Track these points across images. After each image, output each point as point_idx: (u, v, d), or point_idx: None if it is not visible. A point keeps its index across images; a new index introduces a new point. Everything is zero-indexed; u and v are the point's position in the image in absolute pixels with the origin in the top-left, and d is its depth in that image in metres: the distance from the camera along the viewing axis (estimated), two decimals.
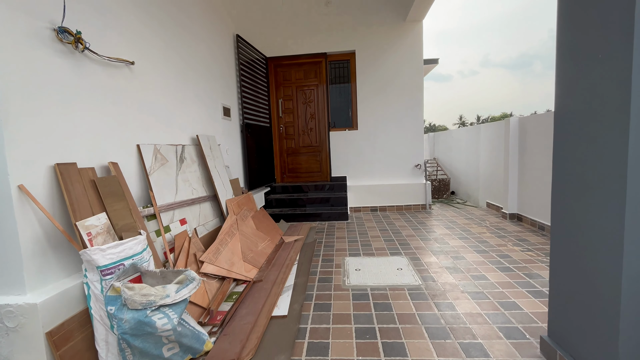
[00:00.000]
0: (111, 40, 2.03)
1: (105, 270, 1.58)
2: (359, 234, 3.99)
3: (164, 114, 2.60)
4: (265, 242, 3.34)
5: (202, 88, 3.30)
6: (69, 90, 1.71)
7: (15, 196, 1.43)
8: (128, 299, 1.48)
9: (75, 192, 1.66)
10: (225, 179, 3.37)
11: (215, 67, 3.63)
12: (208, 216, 3.03)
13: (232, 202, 3.28)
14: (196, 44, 3.20)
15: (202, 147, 3.05)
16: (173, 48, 2.77)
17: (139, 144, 2.27)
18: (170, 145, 2.63)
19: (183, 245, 2.33)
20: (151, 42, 2.46)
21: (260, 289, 2.47)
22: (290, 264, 2.98)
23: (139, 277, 1.74)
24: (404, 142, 5.25)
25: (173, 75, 2.75)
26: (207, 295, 2.18)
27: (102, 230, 1.67)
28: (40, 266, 1.54)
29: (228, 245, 2.73)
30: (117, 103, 2.06)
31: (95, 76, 1.89)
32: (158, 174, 2.40)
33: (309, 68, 5.47)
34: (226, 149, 3.87)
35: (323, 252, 3.37)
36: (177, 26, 2.87)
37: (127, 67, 2.16)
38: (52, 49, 1.63)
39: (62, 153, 1.66)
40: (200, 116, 3.24)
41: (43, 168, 1.56)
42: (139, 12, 2.33)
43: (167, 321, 1.55)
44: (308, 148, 5.62)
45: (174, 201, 2.52)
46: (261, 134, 5.00)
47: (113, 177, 1.90)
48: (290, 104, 5.60)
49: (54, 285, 1.58)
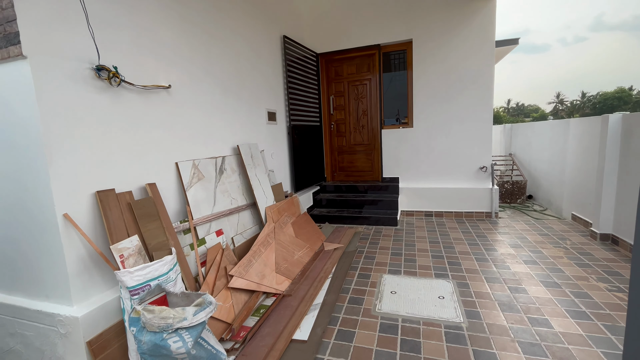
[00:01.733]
0: (147, 66, 2.15)
1: (133, 290, 1.73)
2: (405, 245, 3.71)
3: (203, 129, 2.71)
4: (303, 250, 3.33)
5: (245, 97, 3.36)
6: (108, 121, 1.88)
7: (60, 223, 1.64)
8: (147, 322, 1.60)
9: (112, 216, 1.84)
10: (267, 186, 3.43)
11: (259, 74, 3.65)
12: (247, 224, 3.14)
13: (271, 210, 3.34)
14: (238, 54, 3.24)
15: (242, 156, 3.14)
16: (213, 63, 2.85)
17: (177, 161, 2.42)
18: (209, 159, 2.75)
19: (215, 259, 2.45)
20: (189, 61, 2.55)
21: (287, 306, 2.47)
22: (324, 277, 2.92)
23: (164, 295, 1.88)
24: (468, 141, 4.63)
25: (212, 89, 2.84)
26: (234, 310, 2.27)
27: (134, 252, 1.83)
28: (85, 282, 1.76)
29: (261, 257, 2.79)
30: (154, 126, 2.21)
31: (132, 104, 2.04)
32: (195, 188, 2.54)
33: (361, 62, 5.16)
34: (271, 153, 3.93)
35: (361, 265, 3.23)
36: (217, 40, 2.93)
37: (164, 90, 2.29)
38: (92, 86, 1.79)
39: (102, 180, 1.85)
40: (243, 125, 3.31)
41: (85, 196, 1.76)
42: (174, 34, 2.42)
43: (181, 345, 1.64)
44: (359, 146, 5.40)
45: (211, 213, 2.65)
46: (310, 133, 4.95)
47: (148, 199, 2.06)
48: (341, 101, 5.40)
49: (96, 297, 1.81)
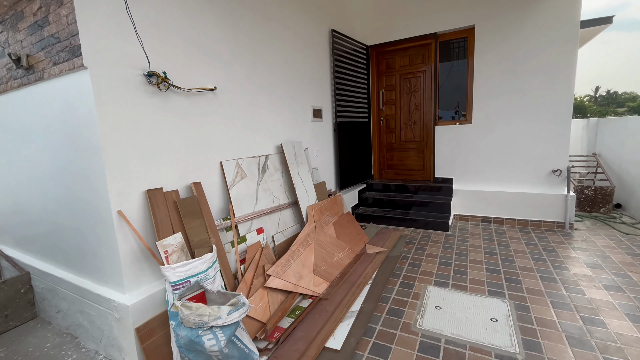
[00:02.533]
0: (195, 70, 2.24)
1: (175, 285, 1.84)
2: (456, 254, 3.40)
3: (248, 129, 2.77)
4: (343, 251, 3.26)
5: (290, 95, 3.35)
6: (157, 124, 2.00)
7: (115, 219, 1.80)
8: (184, 318, 1.68)
9: (160, 213, 1.97)
10: (309, 185, 3.41)
11: (305, 70, 3.61)
12: (288, 223, 3.16)
13: (313, 209, 3.31)
14: (284, 52, 3.23)
15: (285, 155, 3.14)
16: (258, 62, 2.87)
17: (222, 160, 2.50)
18: (252, 158, 2.80)
19: (254, 257, 2.50)
20: (234, 62, 2.60)
21: (323, 310, 2.43)
22: (363, 282, 2.81)
23: (203, 292, 1.96)
24: (539, 139, 4.04)
25: (257, 89, 2.87)
26: (269, 310, 2.30)
27: (177, 249, 1.94)
28: (135, 273, 1.92)
29: (300, 257, 2.78)
30: (200, 127, 2.30)
31: (180, 107, 2.14)
32: (238, 187, 2.61)
33: (415, 52, 4.81)
34: (316, 151, 3.89)
35: (405, 273, 3.04)
36: (263, 40, 2.94)
37: (210, 92, 2.36)
38: (143, 91, 1.91)
39: (151, 179, 1.98)
40: (287, 123, 3.32)
41: (136, 194, 1.90)
42: (220, 36, 2.48)
43: (214, 342, 1.69)
44: (410, 143, 5.08)
45: (252, 212, 2.71)
46: (357, 130, 4.80)
47: (192, 198, 2.16)
48: (392, 95, 5.12)
49: (145, 287, 1.96)
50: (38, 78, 1.94)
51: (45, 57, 1.84)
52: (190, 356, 1.72)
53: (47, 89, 1.92)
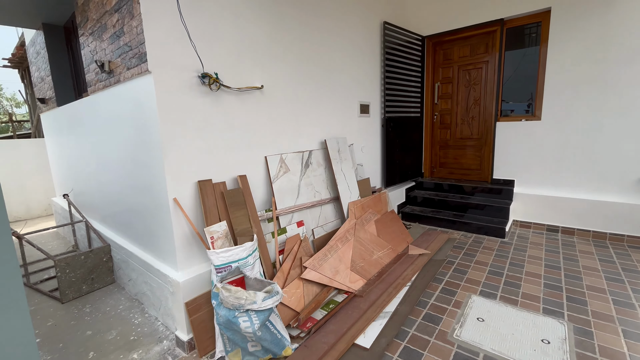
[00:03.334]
0: (244, 70, 2.38)
1: (218, 269, 2.02)
2: (510, 264, 3.11)
3: (293, 125, 2.86)
4: (383, 250, 3.21)
5: (336, 91, 3.36)
6: (209, 121, 2.19)
7: (171, 206, 2.04)
8: (223, 299, 1.85)
9: (208, 203, 2.17)
10: (352, 181, 3.40)
11: (353, 65, 3.57)
12: (329, 217, 3.21)
13: (354, 205, 3.31)
14: (332, 47, 3.24)
15: (328, 150, 3.18)
16: (305, 59, 2.93)
17: (267, 155, 2.64)
18: (296, 153, 2.90)
19: (292, 249, 2.61)
20: (281, 60, 2.70)
21: (356, 307, 2.44)
22: (401, 284, 2.75)
23: (243, 277, 2.12)
24: (629, 141, 3.44)
25: (303, 85, 2.93)
26: (304, 300, 2.39)
27: (222, 236, 2.12)
28: (187, 254, 2.16)
29: (337, 252, 2.82)
30: (248, 123, 2.46)
31: (229, 105, 2.31)
32: (281, 181, 2.73)
33: (477, 42, 4.41)
34: (361, 147, 3.85)
35: (448, 278, 2.89)
36: (310, 36, 2.99)
37: (257, 91, 2.50)
38: (197, 91, 2.10)
39: (202, 171, 2.18)
40: (332, 119, 3.34)
41: (189, 184, 2.12)
42: (268, 35, 2.58)
43: (249, 325, 1.84)
44: (466, 140, 4.73)
45: (294, 205, 2.82)
46: (408, 125, 4.61)
47: (238, 190, 2.33)
48: (448, 88, 4.80)
49: (195, 268, 2.19)
50: (116, 81, 2.26)
51: (121, 63, 2.14)
52: (228, 334, 1.89)
53: (122, 90, 2.23)
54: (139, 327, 2.35)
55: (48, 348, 2.16)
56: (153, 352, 2.09)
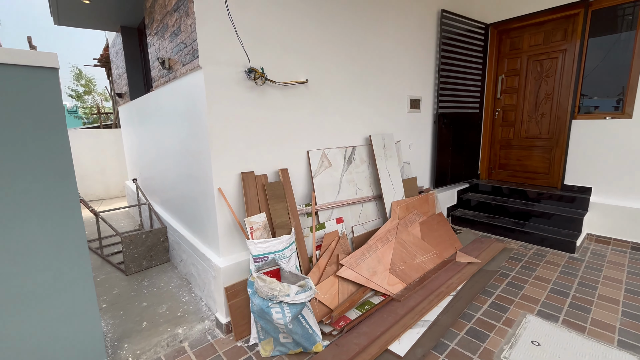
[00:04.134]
0: (289, 64, 2.39)
1: (256, 258, 2.09)
2: (579, 284, 2.71)
3: (337, 119, 2.81)
4: (427, 255, 3.02)
5: (385, 85, 3.22)
6: (254, 114, 2.25)
7: (216, 195, 2.15)
8: (258, 289, 1.90)
9: (250, 194, 2.24)
10: (397, 179, 3.25)
11: (405, 58, 3.38)
12: (370, 216, 3.12)
13: (398, 205, 3.16)
14: (382, 39, 3.10)
15: (373, 147, 3.08)
16: (352, 52, 2.85)
17: (309, 150, 2.64)
18: (339, 149, 2.86)
19: (330, 245, 2.58)
20: (328, 54, 2.65)
21: (393, 311, 2.34)
22: (445, 293, 2.57)
23: (278, 269, 2.16)
24: None
25: (350, 80, 2.86)
26: (338, 298, 2.36)
27: (260, 227, 2.18)
28: (229, 241, 2.26)
29: (376, 253, 2.72)
30: (291, 117, 2.47)
31: (274, 99, 2.34)
32: (322, 176, 2.71)
33: (553, 27, 3.87)
34: (409, 144, 3.66)
35: (499, 292, 2.62)
36: (359, 28, 2.89)
37: (302, 85, 2.50)
38: (244, 86, 2.17)
39: (246, 163, 2.26)
40: (379, 114, 3.22)
41: (233, 175, 2.21)
42: (315, 29, 2.55)
43: (281, 316, 1.87)
44: (533, 140, 4.21)
45: (334, 201, 2.79)
46: (463, 122, 4.26)
47: (278, 183, 2.37)
48: (514, 82, 4.31)
49: (235, 255, 2.29)
50: (174, 77, 2.44)
51: (178, 60, 2.30)
52: (262, 323, 1.94)
53: (178, 85, 2.40)
54: (186, 305, 2.55)
55: (111, 314, 2.46)
56: (195, 330, 2.25)
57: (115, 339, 2.17)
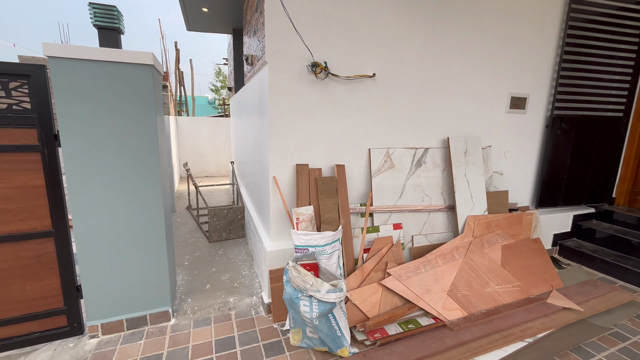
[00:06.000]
0: (356, 57, 2.30)
1: (297, 249, 2.13)
2: None
3: (407, 117, 2.58)
4: (505, 285, 2.51)
5: (474, 80, 2.75)
6: (314, 108, 2.27)
7: (271, 183, 2.28)
8: (291, 278, 1.95)
9: (302, 186, 2.30)
10: (479, 191, 2.78)
11: (509, 46, 2.81)
12: (437, 228, 2.77)
13: (475, 220, 2.70)
14: (475, 26, 2.64)
15: (450, 150, 2.70)
16: (436, 43, 2.52)
17: (370, 148, 2.51)
18: (406, 149, 2.62)
19: (380, 250, 2.42)
20: (401, 46, 2.43)
21: (438, 339, 2.04)
22: (517, 336, 2.09)
23: (317, 264, 2.15)
24: None
25: (428, 73, 2.56)
26: (379, 308, 2.20)
27: (307, 219, 2.21)
28: (279, 228, 2.38)
29: (435, 270, 2.41)
30: (354, 113, 2.39)
31: (336, 93, 2.30)
32: (382, 176, 2.55)
33: None
34: (505, 151, 3.06)
35: (602, 356, 1.97)
36: (449, 14, 2.53)
37: (369, 79, 2.37)
38: (306, 80, 2.21)
39: (302, 155, 2.32)
40: (464, 113, 2.78)
41: (288, 166, 2.30)
42: (388, 19, 2.36)
43: (308, 310, 1.87)
44: None
45: (394, 205, 2.59)
46: (595, 128, 3.29)
47: (332, 178, 2.35)
48: None
49: (283, 242, 2.40)
50: (255, 72, 2.68)
51: (257, 56, 2.51)
52: (291, 312, 1.99)
53: (256, 79, 2.63)
54: (244, 279, 2.83)
55: (188, 272, 2.94)
56: (244, 302, 2.48)
57: (184, 292, 2.59)
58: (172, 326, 2.20)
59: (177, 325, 2.21)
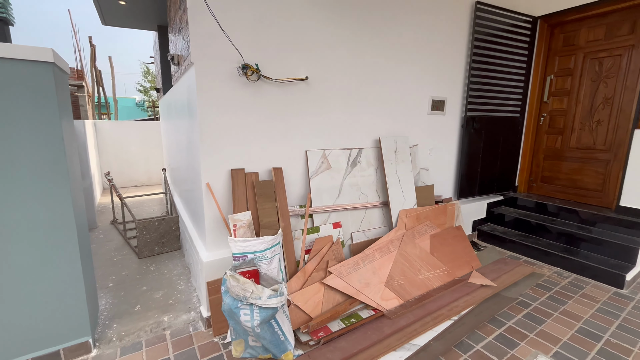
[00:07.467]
0: (288, 61, 2.32)
1: (235, 257, 2.06)
2: (619, 326, 2.25)
3: (341, 120, 2.68)
4: (434, 271, 2.76)
5: (401, 84, 2.98)
6: (247, 111, 2.22)
7: (204, 190, 2.17)
8: (229, 288, 1.87)
9: (238, 191, 2.23)
10: (409, 186, 3.01)
11: (427, 56, 3.10)
12: (374, 223, 2.93)
13: (406, 214, 2.92)
14: (401, 37, 2.87)
15: (382, 150, 2.88)
16: (364, 50, 2.68)
17: (307, 150, 2.55)
18: (342, 150, 2.72)
19: (321, 250, 2.47)
20: (334, 51, 2.52)
21: (378, 329, 2.16)
22: (445, 316, 2.31)
23: (257, 270, 2.11)
24: None
25: (359, 79, 2.70)
26: (321, 307, 2.24)
27: (244, 225, 2.15)
28: (215, 237, 2.27)
29: (373, 263, 2.55)
30: (289, 115, 2.40)
31: (271, 96, 2.29)
32: (321, 177, 2.61)
33: (618, 20, 3.27)
34: (429, 149, 3.37)
35: (512, 324, 2.28)
36: (370, 25, 2.70)
37: (302, 82, 2.41)
38: (237, 82, 2.15)
39: (237, 160, 2.25)
40: (392, 116, 2.99)
41: (223, 172, 2.21)
42: (319, 26, 2.43)
43: (249, 319, 1.81)
44: (586, 151, 3.63)
45: (332, 204, 2.66)
46: (500, 127, 3.81)
47: (270, 182, 2.32)
48: (565, 83, 3.74)
49: (221, 251, 2.30)
50: (182, 72, 2.52)
51: (183, 55, 2.36)
52: (232, 323, 1.91)
53: (184, 80, 2.47)
54: (179, 294, 2.63)
55: (114, 294, 2.63)
56: (180, 320, 2.30)
57: (109, 317, 2.31)
58: (93, 358, 1.94)
59: (99, 356, 1.96)
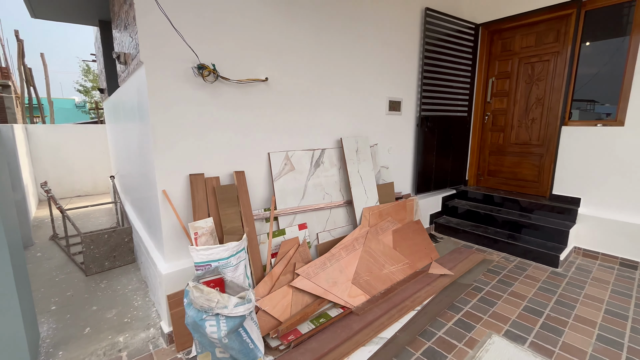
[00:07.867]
0: (247, 61, 2.27)
1: (198, 266, 1.96)
2: (556, 302, 2.53)
3: (303, 121, 2.68)
4: (397, 265, 2.87)
5: (360, 86, 3.07)
6: (205, 112, 2.13)
7: (160, 197, 2.03)
8: (193, 300, 1.78)
9: (198, 197, 2.12)
10: (371, 184, 3.11)
11: (383, 59, 3.23)
12: (339, 222, 2.98)
13: (369, 211, 3.01)
14: (356, 39, 2.95)
15: (344, 150, 2.93)
16: (322, 52, 2.71)
17: (270, 152, 2.51)
18: (305, 151, 2.72)
19: (287, 253, 2.45)
20: (292, 52, 2.52)
21: (347, 326, 2.20)
22: (409, 307, 2.41)
23: (222, 278, 2.03)
24: None
25: (318, 80, 2.72)
26: (290, 310, 2.22)
27: (206, 232, 2.06)
28: (175, 247, 2.14)
29: (339, 262, 2.58)
30: (250, 117, 2.35)
31: (229, 98, 2.22)
32: (284, 179, 2.58)
33: (545, 29, 3.67)
34: (388, 148, 3.50)
35: (469, 308, 2.45)
36: (328, 28, 2.75)
37: (262, 83, 2.37)
38: (193, 82, 2.05)
39: (195, 165, 2.14)
40: (354, 116, 3.07)
41: (181, 177, 2.09)
42: (277, 26, 2.42)
43: (215, 330, 1.74)
44: (523, 146, 4.02)
45: (297, 206, 2.65)
46: (450, 126, 4.08)
47: (232, 186, 2.25)
48: (505, 85, 4.12)
49: (182, 261, 2.17)
50: (130, 72, 2.34)
51: (131, 54, 2.19)
52: (196, 336, 1.82)
53: (133, 80, 2.30)
54: (136, 311, 2.44)
55: (57, 317, 2.36)
56: (138, 338, 2.14)
57: (52, 345, 2.07)
58: None
59: None
